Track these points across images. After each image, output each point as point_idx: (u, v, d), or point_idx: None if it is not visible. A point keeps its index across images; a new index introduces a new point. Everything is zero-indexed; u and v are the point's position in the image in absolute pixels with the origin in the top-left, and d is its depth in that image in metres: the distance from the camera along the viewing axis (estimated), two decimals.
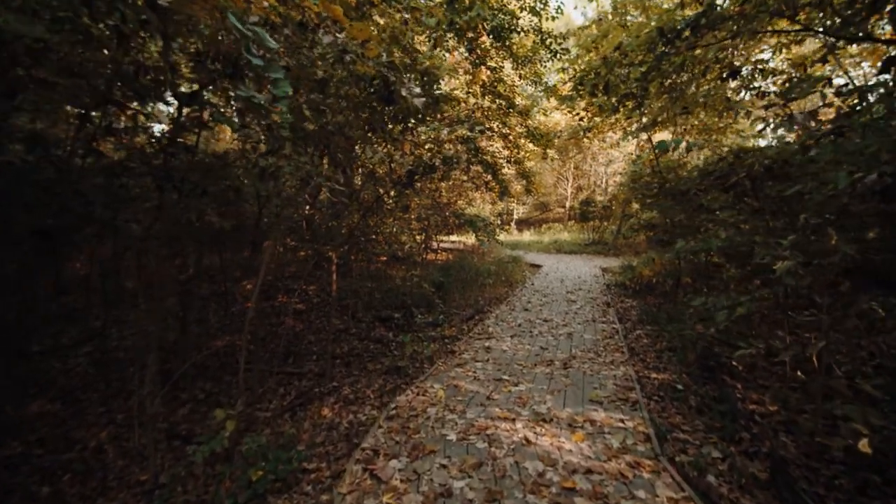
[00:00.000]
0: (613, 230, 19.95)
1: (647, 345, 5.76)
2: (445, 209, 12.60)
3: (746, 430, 3.35)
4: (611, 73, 5.66)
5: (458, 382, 3.86)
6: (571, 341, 5.25)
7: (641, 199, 6.87)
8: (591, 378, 4.01)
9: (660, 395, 4.15)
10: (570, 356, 4.61)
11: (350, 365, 5.87)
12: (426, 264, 12.90)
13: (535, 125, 11.92)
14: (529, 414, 3.21)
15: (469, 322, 7.63)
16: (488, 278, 11.12)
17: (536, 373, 4.08)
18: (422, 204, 8.90)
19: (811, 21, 4.87)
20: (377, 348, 6.62)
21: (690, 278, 8.22)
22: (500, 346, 5.01)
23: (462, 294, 9.62)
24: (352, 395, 4.72)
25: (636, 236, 17.83)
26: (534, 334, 5.59)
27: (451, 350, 5.00)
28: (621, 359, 4.60)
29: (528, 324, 6.22)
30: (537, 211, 32.80)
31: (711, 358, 4.75)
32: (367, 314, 8.35)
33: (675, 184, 5.53)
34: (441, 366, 4.49)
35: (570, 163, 27.64)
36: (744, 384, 4.27)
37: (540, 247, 20.19)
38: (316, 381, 5.38)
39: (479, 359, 4.57)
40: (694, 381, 4.46)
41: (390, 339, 7.15)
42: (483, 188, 13.07)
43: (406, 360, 5.38)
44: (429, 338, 6.88)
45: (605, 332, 5.80)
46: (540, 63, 9.30)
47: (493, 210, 22.93)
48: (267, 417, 4.44)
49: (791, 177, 2.77)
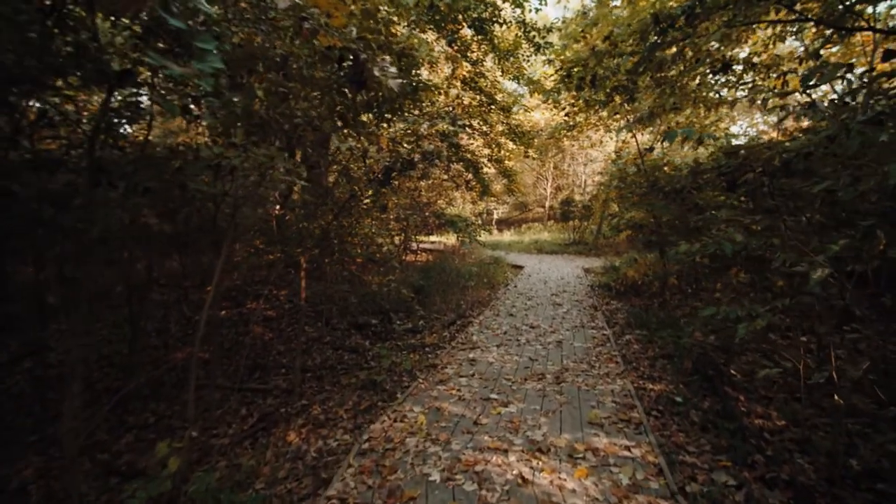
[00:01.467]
0: (594, 230, 19.90)
1: (638, 351, 5.47)
2: (425, 209, 12.18)
3: (759, 450, 3.04)
4: (599, 64, 5.35)
5: (440, 404, 3.44)
6: (562, 350, 4.90)
7: (630, 197, 6.60)
8: (588, 394, 3.65)
9: (659, 409, 3.84)
10: (562, 368, 4.26)
11: (322, 379, 5.38)
12: (406, 266, 12.45)
13: (517, 123, 11.62)
14: (523, 443, 2.82)
15: (451, 328, 7.23)
16: (470, 280, 10.74)
17: (527, 389, 3.70)
18: (400, 203, 8.45)
19: (808, 11, 4.66)
20: (352, 359, 6.14)
21: (677, 280, 8.03)
22: (485, 358, 4.62)
23: (443, 297, 9.20)
24: (322, 416, 4.24)
25: (617, 236, 17.81)
26: (521, 343, 5.22)
27: (433, 364, 4.57)
28: (616, 370, 4.27)
29: (515, 331, 5.86)
30: (517, 211, 32.69)
31: (709, 366, 4.48)
32: (342, 321, 7.84)
33: (665, 182, 5.26)
34: (421, 383, 4.05)
35: (549, 163, 27.59)
36: (745, 395, 4.00)
37: (521, 247, 19.96)
38: (283, 399, 4.87)
39: (464, 373, 4.16)
40: (692, 392, 4.17)
41: (367, 347, 6.68)
42: (464, 187, 12.70)
43: (383, 373, 4.93)
44: (408, 346, 6.44)
45: (595, 338, 5.48)
46: (522, 58, 8.98)
47: (474, 210, 22.62)
48: (224, 445, 3.92)
49: (814, 171, 2.47)
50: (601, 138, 16.07)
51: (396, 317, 8.09)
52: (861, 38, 6.56)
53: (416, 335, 7.11)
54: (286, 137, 3.93)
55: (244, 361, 6.27)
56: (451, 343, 6.12)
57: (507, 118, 11.21)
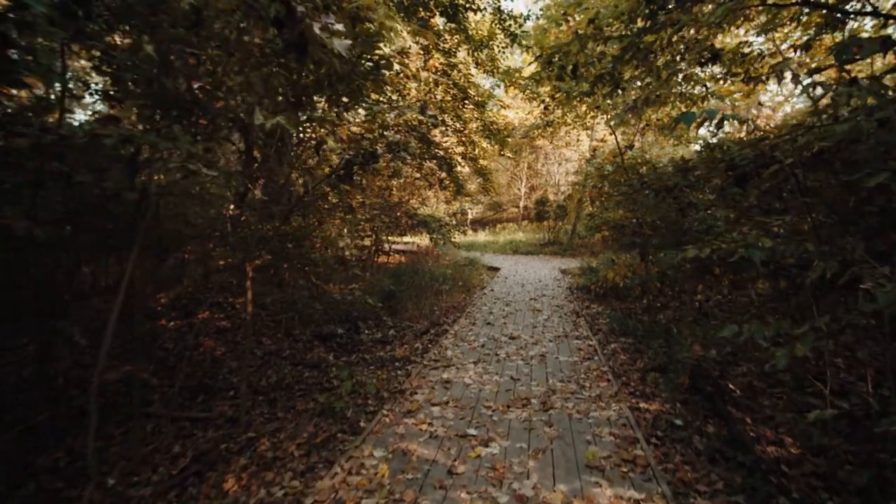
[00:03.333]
0: (569, 230, 19.72)
1: (626, 362, 5.05)
2: (397, 209, 11.56)
3: (781, 490, 2.61)
4: (583, 50, 4.90)
5: (408, 445, 2.85)
6: (546, 366, 4.41)
7: (612, 195, 6.19)
8: (581, 424, 3.15)
9: (658, 435, 3.38)
10: (548, 389, 3.75)
11: (275, 403, 4.71)
12: (377, 269, 11.79)
13: (491, 120, 11.15)
14: (509, 500, 2.26)
15: (424, 338, 6.65)
16: (444, 284, 10.19)
17: (511, 420, 3.17)
18: (369, 203, 7.81)
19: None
20: (312, 377, 5.48)
21: (659, 283, 7.73)
22: (461, 379, 4.06)
23: (416, 303, 8.61)
24: (270, 453, 3.59)
25: (592, 237, 17.65)
26: (500, 358, 4.69)
27: (401, 389, 3.98)
28: (609, 390, 3.79)
29: (493, 343, 5.33)
30: (491, 211, 32.41)
31: (706, 380, 4.08)
32: (305, 331, 7.13)
33: (652, 180, 4.85)
34: (387, 415, 3.43)
35: (523, 162, 27.40)
36: (750, 415, 3.60)
37: (496, 247, 19.57)
38: (227, 431, 4.17)
39: (437, 400, 3.58)
40: (692, 413, 3.75)
41: (330, 362, 6.02)
42: (437, 186, 12.16)
43: (345, 398, 4.32)
44: (377, 360, 5.83)
45: (581, 350, 5.02)
46: (497, 49, 8.50)
47: (448, 210, 22.11)
48: (144, 498, 3.22)
49: (855, 163, 2.04)
50: (577, 136, 15.83)
51: (365, 325, 7.46)
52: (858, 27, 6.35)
53: (385, 346, 6.51)
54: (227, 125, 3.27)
55: (186, 382, 5.51)
56: (423, 356, 5.54)
57: (481, 115, 10.73)
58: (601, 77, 4.91)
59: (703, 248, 2.72)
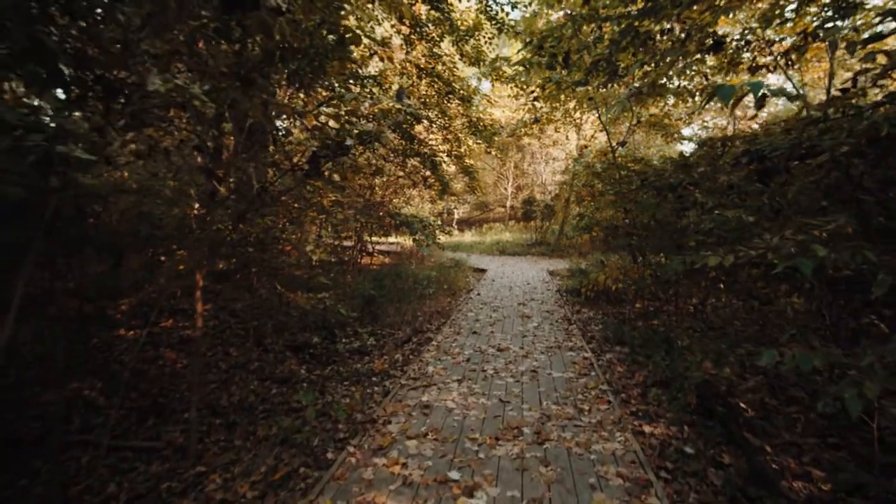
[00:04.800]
0: (556, 230, 19.41)
1: (624, 375, 4.64)
2: (379, 208, 11.03)
3: None
4: (577, 33, 4.47)
5: (374, 496, 2.32)
6: (538, 385, 3.95)
7: (606, 193, 5.80)
8: (582, 462, 2.69)
9: (667, 467, 2.96)
10: (542, 415, 3.29)
11: (233, 428, 4.17)
12: (359, 270, 11.25)
13: (477, 116, 10.70)
14: None
15: (405, 348, 6.16)
16: (428, 287, 9.72)
17: (500, 457, 2.70)
18: (346, 202, 7.28)
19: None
20: (280, 394, 4.95)
21: (653, 286, 7.37)
22: (443, 402, 3.56)
23: (398, 308, 8.12)
24: (220, 494, 3.07)
25: (580, 237, 17.35)
26: (488, 375, 4.22)
27: (372, 418, 3.47)
28: (611, 415, 3.35)
29: (479, 356, 4.86)
30: (478, 211, 32.04)
31: (715, 399, 3.68)
32: (278, 340, 6.57)
33: (653, 177, 4.45)
34: (353, 453, 2.90)
35: (510, 162, 27.08)
36: (768, 441, 3.20)
37: (482, 248, 19.15)
38: (174, 463, 3.63)
39: (414, 431, 3.07)
40: (702, 437, 3.34)
41: (301, 376, 5.50)
42: (422, 185, 11.66)
43: (311, 424, 3.81)
44: (352, 374, 5.33)
45: (575, 364, 4.59)
46: (484, 40, 8.04)
47: (434, 210, 21.64)
48: None
49: None
50: (566, 134, 15.49)
51: (343, 333, 6.94)
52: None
53: (363, 358, 6.00)
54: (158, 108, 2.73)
55: (137, 403, 4.95)
56: (403, 369, 5.06)
57: (466, 110, 10.27)
58: (597, 64, 4.49)
59: (727, 255, 2.29)
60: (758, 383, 4.22)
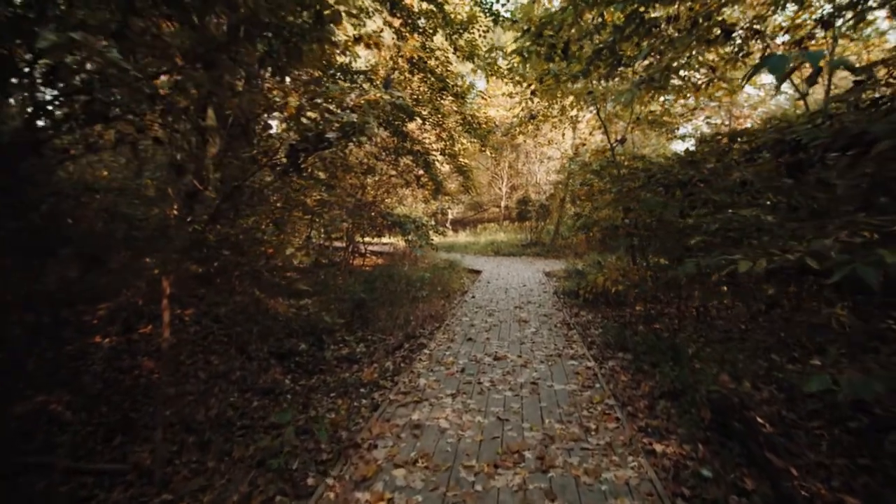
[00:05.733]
0: (551, 230, 19.16)
1: (629, 385, 4.35)
2: (371, 208, 10.70)
3: None
4: (578, 20, 4.18)
5: None
6: (539, 399, 3.63)
7: (613, 193, 5.52)
8: (593, 494, 2.35)
9: (683, 494, 2.67)
10: (544, 436, 2.97)
11: (207, 447, 3.82)
12: (350, 272, 10.91)
13: (471, 113, 10.41)
14: None
15: (396, 355, 5.85)
16: (421, 289, 9.40)
17: (499, 489, 2.37)
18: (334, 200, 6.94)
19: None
20: (261, 407, 4.62)
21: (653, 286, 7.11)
22: (435, 420, 3.22)
23: (390, 311, 7.79)
24: None
25: (576, 237, 17.11)
26: (484, 388, 3.90)
27: (356, 442, 3.13)
28: (620, 435, 3.05)
29: (475, 366, 4.54)
30: (472, 211, 31.78)
31: (731, 414, 3.40)
32: (263, 346, 6.22)
33: (660, 174, 4.17)
34: (332, 486, 2.56)
35: (504, 162, 26.84)
36: (792, 461, 2.92)
37: (477, 248, 18.86)
38: (138, 489, 3.28)
39: (402, 458, 2.73)
40: (718, 455, 3.06)
41: (286, 387, 5.17)
42: (414, 184, 11.35)
43: (292, 444, 3.48)
44: (340, 385, 5.01)
45: (578, 374, 4.28)
46: (478, 33, 7.74)
47: (427, 210, 21.34)
48: None
49: None
50: (563, 132, 15.24)
51: (331, 339, 6.61)
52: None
53: (352, 366, 5.68)
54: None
55: (106, 418, 4.58)
56: (392, 380, 4.74)
57: (460, 107, 9.97)
58: (599, 53, 4.20)
59: (759, 260, 2.00)
60: (772, 393, 3.95)
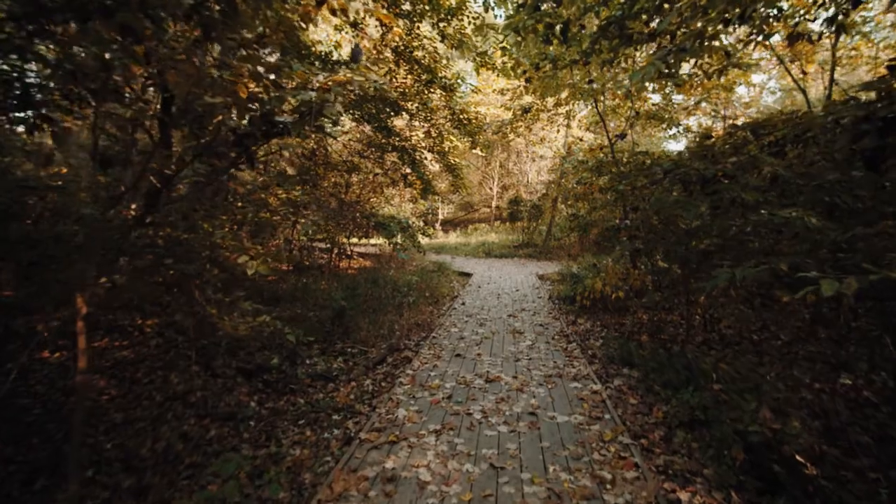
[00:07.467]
0: (543, 231, 18.68)
1: (639, 410, 3.81)
2: (355, 208, 10.08)
3: None
4: None
5: None
6: (540, 437, 3.01)
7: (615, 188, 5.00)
8: None
9: None
10: (549, 492, 2.33)
11: (145, 495, 3.20)
12: (335, 275, 10.29)
13: (461, 107, 9.85)
14: None
15: (376, 371, 5.26)
16: (408, 295, 8.81)
17: None
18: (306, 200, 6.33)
19: None
20: (218, 438, 4.01)
21: (658, 297, 6.63)
22: (413, 472, 2.59)
23: (373, 320, 7.20)
24: None
25: (568, 238, 16.64)
26: (474, 421, 3.28)
27: (318, 500, 2.53)
28: (643, 490, 2.46)
29: (464, 391, 3.94)
30: (463, 211, 31.27)
31: (766, 452, 2.87)
32: (231, 361, 5.59)
33: (679, 170, 3.65)
34: None
35: (495, 161, 26.35)
36: None
37: (467, 250, 18.30)
38: None
39: None
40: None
41: (251, 410, 4.57)
42: (401, 183, 10.76)
43: (242, 494, 2.88)
44: (311, 408, 4.42)
45: (583, 400, 3.71)
46: (469, 19, 7.18)
47: (415, 210, 20.74)
48: None
49: None
50: (557, 128, 14.74)
51: (307, 353, 6.01)
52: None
53: (326, 385, 5.09)
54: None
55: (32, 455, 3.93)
56: (370, 404, 4.16)
57: (449, 101, 9.40)
58: (605, 30, 3.66)
59: (849, 279, 1.45)
60: (804, 422, 3.44)
